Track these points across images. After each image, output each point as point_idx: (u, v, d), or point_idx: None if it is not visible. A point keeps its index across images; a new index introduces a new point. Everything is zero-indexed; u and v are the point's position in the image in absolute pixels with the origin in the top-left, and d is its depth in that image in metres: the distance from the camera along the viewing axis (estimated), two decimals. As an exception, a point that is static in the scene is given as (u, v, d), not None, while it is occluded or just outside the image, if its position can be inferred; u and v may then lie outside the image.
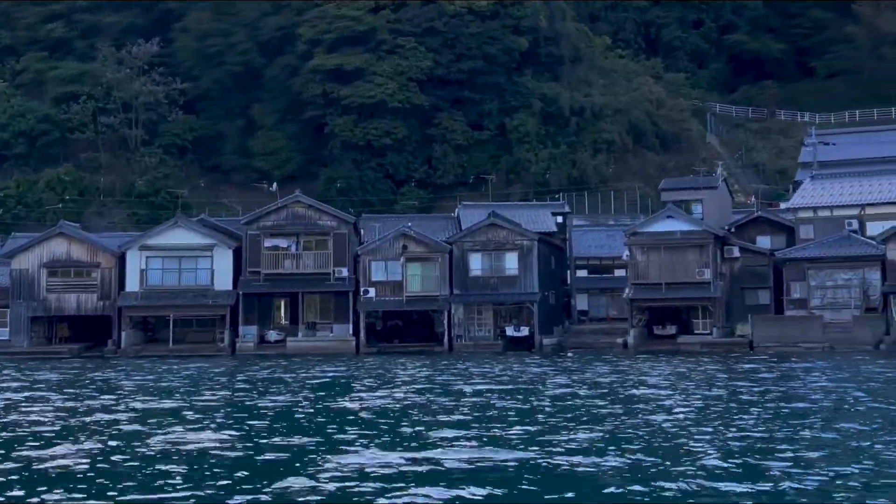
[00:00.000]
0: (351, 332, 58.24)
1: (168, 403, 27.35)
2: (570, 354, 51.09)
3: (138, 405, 26.62)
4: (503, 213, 63.46)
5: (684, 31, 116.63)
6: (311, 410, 25.31)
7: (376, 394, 29.52)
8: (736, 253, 57.89)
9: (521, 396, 27.96)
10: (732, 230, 63.01)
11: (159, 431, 20.38)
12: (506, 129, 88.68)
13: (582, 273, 69.79)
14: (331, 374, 39.06)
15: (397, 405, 26.00)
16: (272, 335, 58.88)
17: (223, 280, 59.07)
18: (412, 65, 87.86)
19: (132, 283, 58.99)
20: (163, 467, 15.91)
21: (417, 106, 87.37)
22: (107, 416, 23.57)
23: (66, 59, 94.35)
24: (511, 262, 58.55)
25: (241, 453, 17.66)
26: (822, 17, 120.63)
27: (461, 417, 22.67)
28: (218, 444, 18.47)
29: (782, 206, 67.83)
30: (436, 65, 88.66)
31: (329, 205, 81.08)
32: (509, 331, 57.72)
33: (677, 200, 65.26)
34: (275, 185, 65.99)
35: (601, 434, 19.55)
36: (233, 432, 20.34)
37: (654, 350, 53.53)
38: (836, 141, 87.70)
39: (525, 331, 57.60)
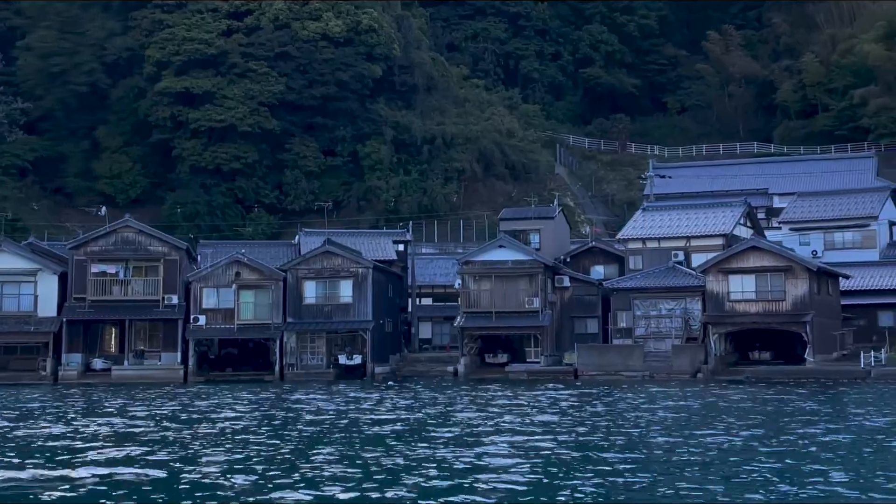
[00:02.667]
0: (179, 360, 56.93)
1: None
2: (390, 383, 50.87)
3: None
4: (343, 241, 63.18)
5: (542, 64, 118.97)
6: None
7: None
8: (567, 282, 58.76)
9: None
10: (568, 260, 64.09)
11: None
12: (358, 155, 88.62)
13: (426, 301, 69.94)
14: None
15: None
16: (98, 363, 57.08)
17: (47, 306, 56.96)
18: (264, 89, 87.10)
19: (-49, 309, 56.52)
20: None
21: (268, 131, 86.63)
22: None
23: None
24: (345, 289, 58.04)
25: None
26: (675, 55, 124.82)
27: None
28: None
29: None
30: (288, 90, 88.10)
31: (176, 230, 79.85)
32: (342, 359, 57.18)
33: (516, 230, 66.24)
34: (103, 208, 64.36)
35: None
36: None
37: (483, 378, 53.67)
38: (679, 174, 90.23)
39: (358, 359, 57.14)
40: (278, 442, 24.52)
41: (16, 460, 21.40)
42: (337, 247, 59.03)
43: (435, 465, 20.30)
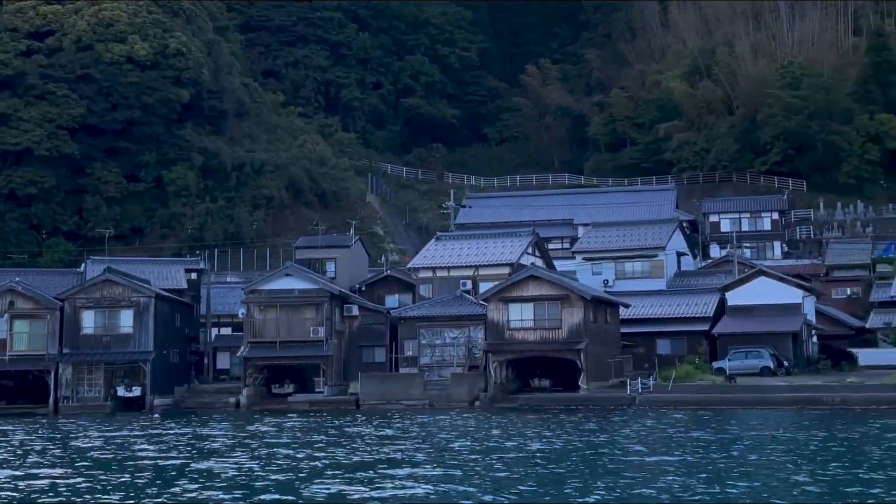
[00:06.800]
0: (-56, 394, 54.08)
1: None
2: (156, 416, 49.47)
3: None
4: (133, 269, 61.27)
5: (363, 93, 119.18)
6: None
7: None
8: (356, 311, 58.34)
9: None
10: (364, 288, 63.82)
11: None
12: (163, 181, 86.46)
13: (227, 330, 68.34)
14: None
15: None
16: None
17: None
18: (63, 112, 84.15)
19: None
20: None
21: (67, 155, 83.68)
22: None
23: None
24: (126, 319, 56.29)
25: None
26: (495, 87, 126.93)
27: None
28: None
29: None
30: (89, 113, 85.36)
31: (-35, 257, 76.19)
32: (120, 391, 55.37)
33: (312, 259, 65.56)
34: None
35: None
36: None
37: (267, 409, 52.83)
38: (490, 204, 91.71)
39: (138, 391, 55.42)
40: None
41: None
42: (118, 275, 57.19)
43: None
